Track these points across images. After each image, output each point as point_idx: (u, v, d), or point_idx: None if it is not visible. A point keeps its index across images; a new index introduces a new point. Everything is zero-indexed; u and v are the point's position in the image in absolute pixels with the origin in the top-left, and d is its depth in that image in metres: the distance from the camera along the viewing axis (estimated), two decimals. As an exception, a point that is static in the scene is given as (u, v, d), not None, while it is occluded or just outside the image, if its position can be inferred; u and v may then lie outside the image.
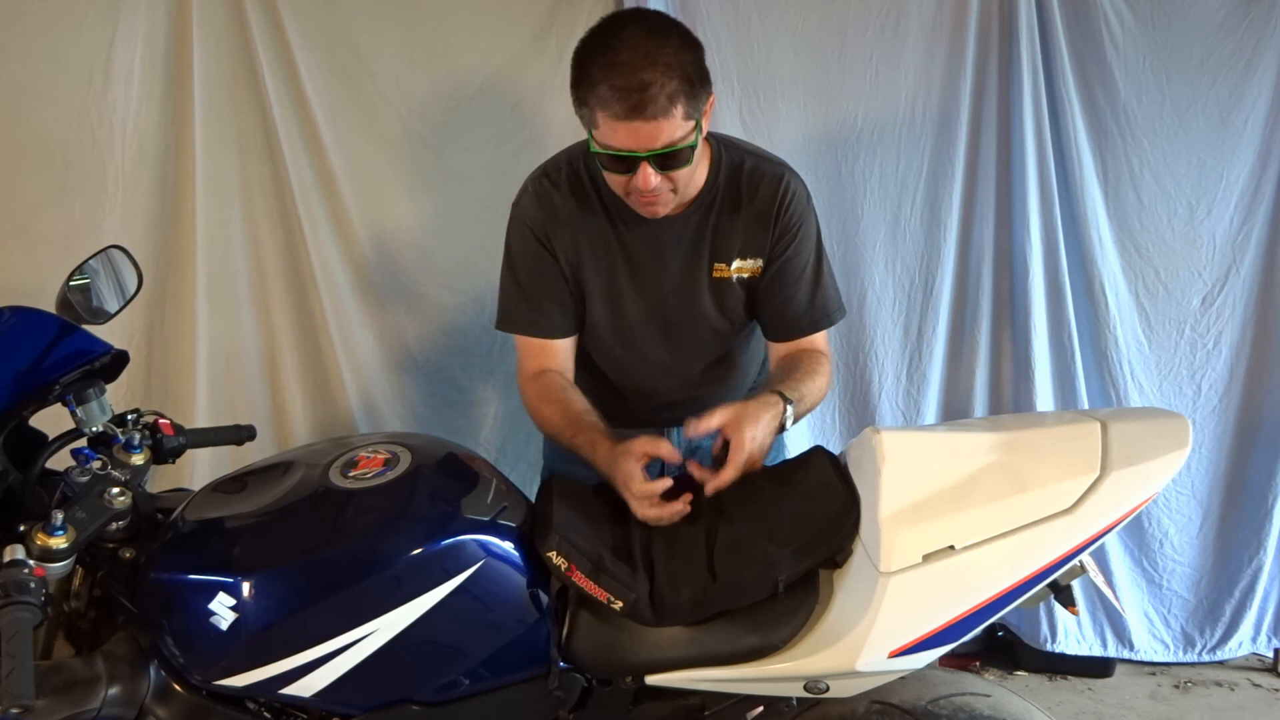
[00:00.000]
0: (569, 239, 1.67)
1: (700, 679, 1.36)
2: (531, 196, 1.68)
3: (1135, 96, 2.34)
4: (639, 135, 1.44)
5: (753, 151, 1.70)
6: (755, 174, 1.65)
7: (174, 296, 2.26)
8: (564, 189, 1.66)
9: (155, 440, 1.42)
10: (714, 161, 1.65)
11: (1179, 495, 2.53)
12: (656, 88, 1.40)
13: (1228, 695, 2.58)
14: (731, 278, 1.68)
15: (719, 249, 1.67)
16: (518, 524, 1.37)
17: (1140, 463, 1.27)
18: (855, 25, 2.32)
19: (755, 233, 1.65)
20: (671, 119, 1.43)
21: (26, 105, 2.14)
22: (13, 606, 1.10)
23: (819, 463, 1.46)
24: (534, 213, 1.67)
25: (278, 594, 1.27)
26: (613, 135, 1.45)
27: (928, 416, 2.49)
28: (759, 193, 1.64)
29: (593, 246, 1.67)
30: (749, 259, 1.67)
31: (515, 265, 1.71)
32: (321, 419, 2.37)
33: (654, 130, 1.43)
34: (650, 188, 1.49)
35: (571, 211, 1.66)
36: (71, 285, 1.51)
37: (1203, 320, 2.47)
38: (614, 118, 1.43)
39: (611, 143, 1.46)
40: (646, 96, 1.40)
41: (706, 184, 1.64)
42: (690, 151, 1.49)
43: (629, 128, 1.43)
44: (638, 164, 1.47)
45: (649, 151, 1.45)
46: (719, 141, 1.68)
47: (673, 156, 1.47)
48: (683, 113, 1.44)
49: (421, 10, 2.25)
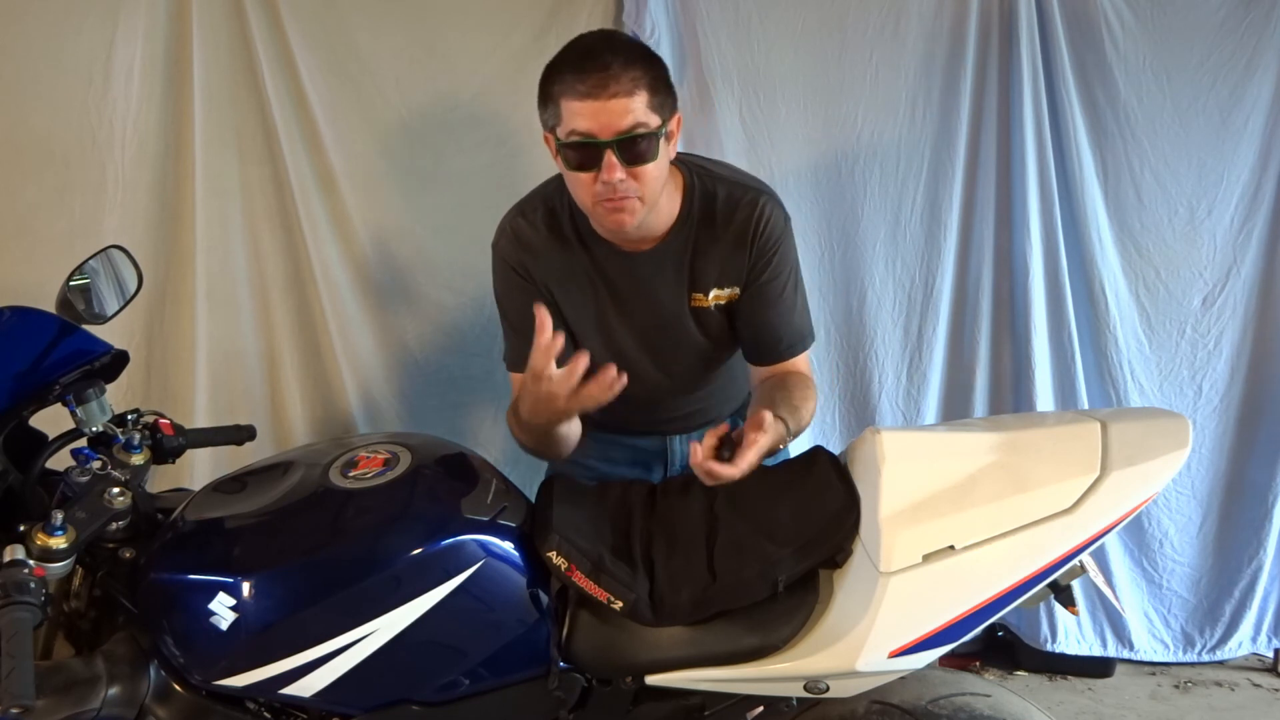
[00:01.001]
0: (550, 275, 1.67)
1: (700, 679, 1.36)
2: (510, 236, 1.68)
3: (1135, 96, 2.34)
4: (601, 116, 1.44)
5: (727, 177, 1.67)
6: (730, 200, 1.63)
7: (174, 296, 2.26)
8: (540, 227, 1.66)
9: (155, 440, 1.42)
10: (687, 190, 1.64)
11: (1179, 495, 2.53)
12: (619, 68, 1.43)
13: (1228, 695, 2.58)
14: (710, 306, 1.67)
15: (696, 279, 1.65)
16: (518, 524, 1.38)
17: (1140, 463, 1.27)
18: (855, 25, 2.31)
19: (732, 258, 1.64)
20: (635, 100, 1.44)
21: (26, 105, 2.14)
22: (13, 606, 1.11)
23: (819, 463, 1.46)
24: (513, 251, 1.67)
25: (278, 594, 1.27)
26: (575, 118, 1.45)
27: (928, 416, 2.49)
28: (734, 217, 1.62)
29: (575, 282, 1.67)
30: (725, 287, 1.66)
31: (503, 305, 1.72)
32: (321, 419, 2.37)
33: (617, 110, 1.43)
34: (615, 179, 1.46)
35: (550, 248, 1.66)
36: (71, 285, 1.51)
37: (1203, 320, 2.46)
38: (576, 98, 1.44)
39: (575, 126, 1.46)
40: (609, 75, 1.42)
41: (681, 212, 1.63)
42: (655, 143, 1.48)
43: (591, 108, 1.43)
44: (601, 155, 1.46)
45: (614, 135, 1.44)
46: (691, 169, 1.66)
47: (636, 145, 1.46)
48: (646, 102, 1.45)
49: (421, 10, 2.25)
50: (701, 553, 1.39)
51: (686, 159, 1.69)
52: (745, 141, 2.34)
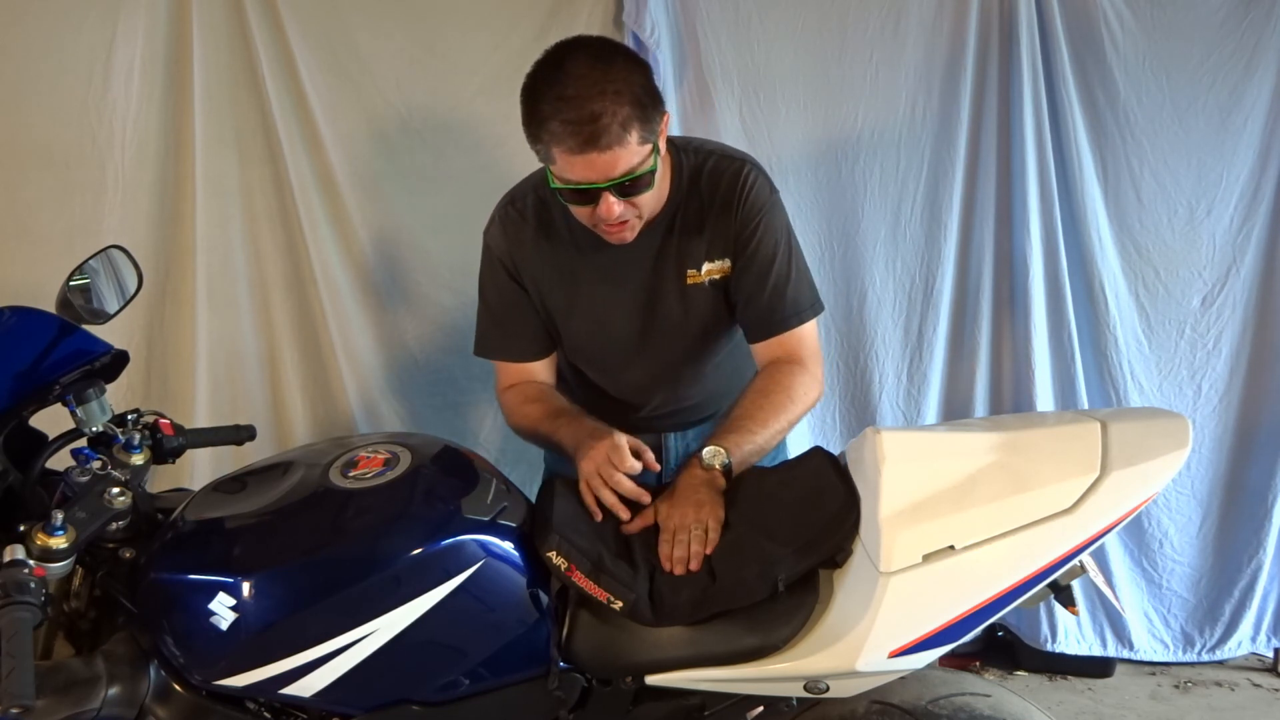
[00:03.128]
0: (537, 266, 1.67)
1: (700, 679, 1.36)
2: (498, 225, 1.69)
3: (1135, 96, 2.34)
4: (596, 166, 1.43)
5: (713, 150, 1.67)
6: (715, 171, 1.63)
7: (174, 296, 2.26)
8: (530, 217, 1.66)
9: (155, 440, 1.42)
10: (675, 171, 1.63)
11: (1179, 495, 2.53)
12: (608, 117, 1.39)
13: (1228, 695, 2.58)
14: (704, 282, 1.66)
15: (688, 256, 1.65)
16: (518, 524, 1.37)
17: (1140, 463, 1.27)
18: (855, 25, 2.32)
19: (719, 227, 1.63)
20: (627, 146, 1.42)
21: (26, 105, 2.14)
22: (13, 606, 1.10)
23: (819, 463, 1.46)
24: (501, 241, 1.68)
25: (278, 594, 1.27)
26: (570, 169, 1.44)
27: (928, 416, 2.49)
28: (720, 186, 1.62)
29: (560, 272, 1.67)
30: (716, 260, 1.65)
31: (485, 292, 1.73)
32: (321, 419, 2.37)
33: (611, 160, 1.42)
34: (614, 216, 1.48)
35: (538, 239, 1.66)
36: (71, 285, 1.51)
37: (1203, 320, 2.47)
38: (569, 152, 1.42)
39: (570, 176, 1.45)
40: (599, 127, 1.39)
41: (671, 194, 1.63)
42: (650, 176, 1.49)
43: (585, 160, 1.42)
44: (599, 195, 1.46)
45: (608, 181, 1.44)
46: (679, 148, 1.65)
47: (633, 184, 1.47)
48: (638, 138, 1.43)
49: (421, 10, 2.25)
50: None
51: (675, 140, 1.68)
52: (745, 141, 2.34)
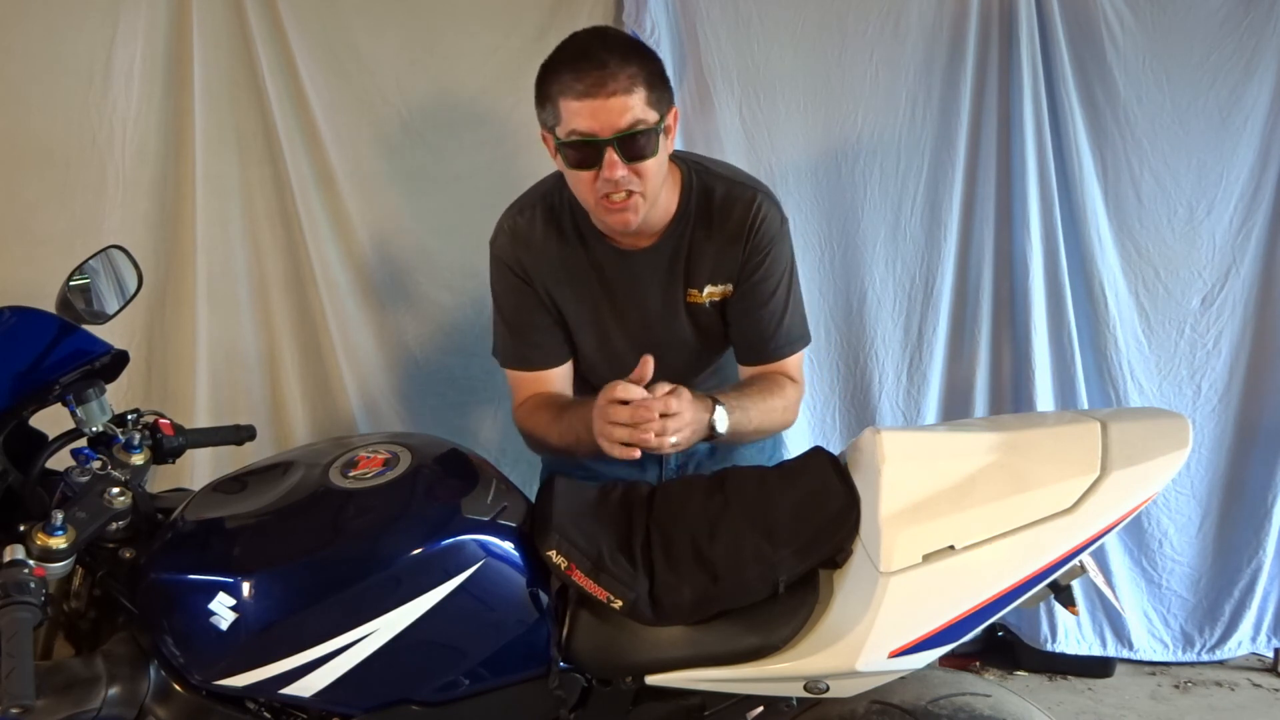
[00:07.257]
0: (547, 273, 1.68)
1: (700, 679, 1.36)
2: (507, 234, 1.69)
3: (1135, 96, 2.34)
4: (600, 115, 1.45)
5: (725, 175, 1.68)
6: (727, 197, 1.64)
7: (174, 296, 2.26)
8: (539, 224, 1.67)
9: (155, 440, 1.42)
10: (684, 186, 1.65)
11: (1179, 495, 2.53)
12: (615, 66, 1.44)
13: (1228, 695, 2.58)
14: (705, 303, 1.68)
15: (692, 274, 1.67)
16: (518, 524, 1.37)
17: (1140, 463, 1.27)
18: (855, 25, 2.32)
19: (726, 254, 1.65)
20: (633, 97, 1.45)
21: (26, 105, 2.14)
22: (13, 606, 1.10)
23: (819, 463, 1.46)
24: (510, 249, 1.68)
25: (277, 594, 1.27)
26: (575, 118, 1.46)
27: (928, 416, 2.49)
28: (731, 213, 1.64)
29: (571, 280, 1.68)
30: (719, 284, 1.67)
31: (499, 303, 1.73)
32: (321, 419, 2.37)
33: (617, 108, 1.45)
34: (616, 177, 1.48)
35: (548, 245, 1.67)
36: (71, 285, 1.51)
37: (1203, 320, 2.47)
38: (575, 97, 1.45)
39: (576, 126, 1.47)
40: (606, 73, 1.44)
41: (679, 209, 1.64)
42: (655, 139, 1.50)
43: (590, 107, 1.45)
44: (602, 153, 1.47)
45: (614, 133, 1.46)
46: (689, 165, 1.67)
47: (636, 141, 1.47)
48: (644, 98, 1.46)
49: (421, 10, 2.25)
50: (702, 553, 1.39)
51: (684, 156, 1.70)
52: (745, 141, 2.34)
